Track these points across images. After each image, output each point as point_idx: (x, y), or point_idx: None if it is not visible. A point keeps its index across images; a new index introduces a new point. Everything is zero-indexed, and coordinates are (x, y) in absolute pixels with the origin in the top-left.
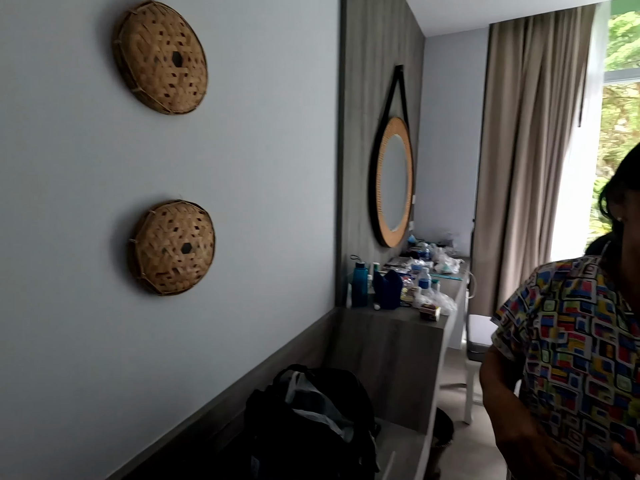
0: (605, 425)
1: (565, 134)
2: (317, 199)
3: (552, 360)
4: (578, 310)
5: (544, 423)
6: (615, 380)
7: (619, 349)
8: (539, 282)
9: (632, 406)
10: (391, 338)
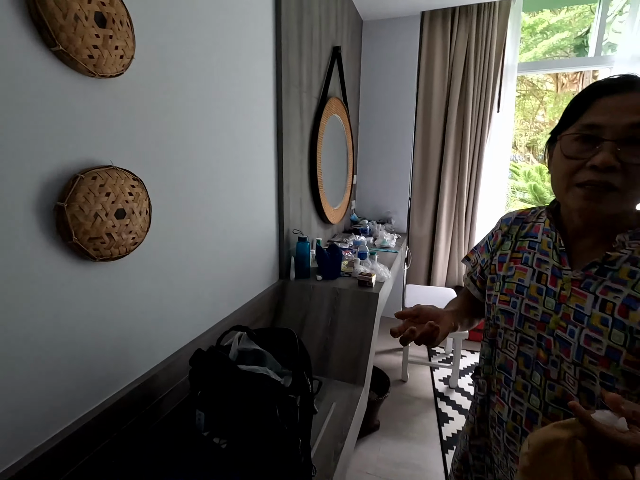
0: (533, 337)
1: (486, 119)
2: (258, 172)
3: (500, 289)
4: (526, 248)
5: (492, 339)
6: (544, 301)
7: (550, 277)
8: (502, 227)
9: (552, 321)
10: (332, 305)
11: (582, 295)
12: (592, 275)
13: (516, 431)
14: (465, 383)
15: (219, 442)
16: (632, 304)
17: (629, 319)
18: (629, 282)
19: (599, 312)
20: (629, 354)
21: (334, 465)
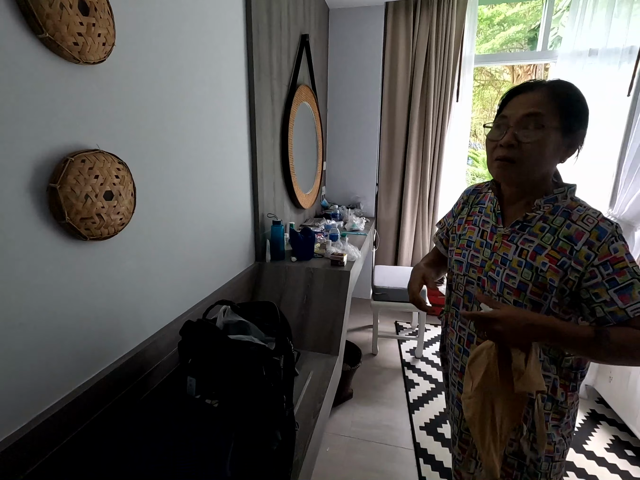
0: (474, 278)
1: (447, 108)
2: (233, 157)
3: (456, 245)
4: (477, 212)
5: (450, 284)
6: (483, 252)
7: (489, 233)
8: (464, 196)
9: (487, 265)
10: (307, 283)
11: (507, 246)
12: (515, 231)
13: (460, 351)
14: (429, 353)
15: (211, 403)
16: (539, 250)
17: (535, 262)
18: (539, 235)
19: (517, 257)
20: (534, 287)
21: (313, 422)
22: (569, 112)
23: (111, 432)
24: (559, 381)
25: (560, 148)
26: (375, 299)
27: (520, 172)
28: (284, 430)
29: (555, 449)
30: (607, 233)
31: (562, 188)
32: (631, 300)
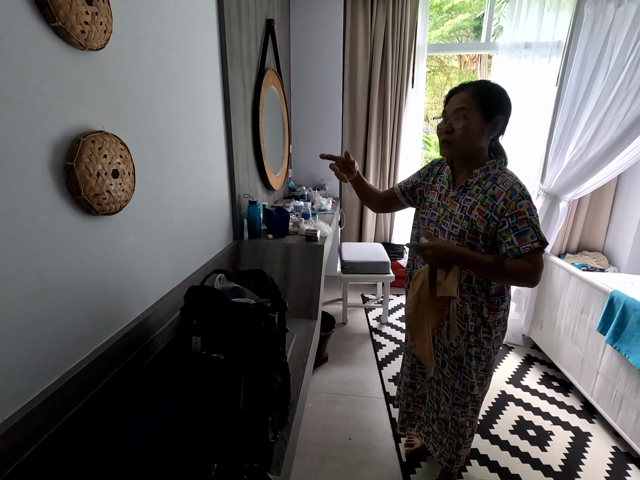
0: (432, 230)
1: (403, 94)
2: (211, 140)
3: (422, 206)
4: (437, 181)
5: (417, 236)
6: (439, 210)
7: (444, 196)
8: (429, 166)
9: (440, 220)
10: (284, 258)
11: (454, 205)
12: (460, 193)
13: None
14: (393, 319)
15: (217, 356)
16: (474, 207)
17: (471, 215)
18: (475, 195)
19: (459, 212)
20: (470, 233)
21: (302, 373)
22: (486, 104)
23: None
24: (485, 303)
25: (483, 130)
26: (344, 272)
27: (455, 150)
28: (282, 374)
29: (482, 351)
30: (516, 193)
31: (493, 160)
32: (524, 241)
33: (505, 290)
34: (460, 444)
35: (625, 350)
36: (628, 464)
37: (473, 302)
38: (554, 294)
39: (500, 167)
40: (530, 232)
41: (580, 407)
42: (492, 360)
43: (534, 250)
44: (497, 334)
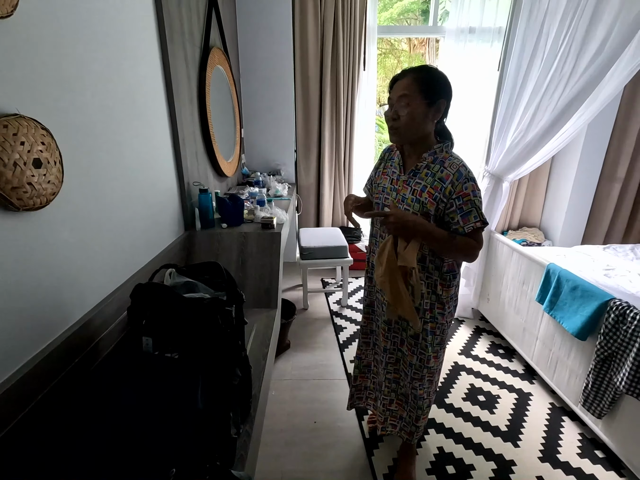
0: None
1: (355, 76)
2: (153, 126)
3: (375, 191)
4: (389, 166)
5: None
6: (391, 194)
7: (395, 180)
8: (382, 154)
9: (393, 203)
10: (240, 247)
11: (405, 188)
12: (410, 177)
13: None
14: (353, 301)
15: (172, 356)
16: (424, 190)
17: (422, 197)
18: (425, 179)
19: (411, 195)
20: (421, 215)
21: (263, 364)
22: (428, 90)
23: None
24: (439, 281)
25: (427, 115)
26: (303, 259)
27: (403, 136)
28: (242, 368)
29: (437, 326)
30: (462, 175)
31: (440, 144)
32: (468, 221)
33: (455, 267)
34: (419, 415)
35: (559, 317)
36: (562, 417)
37: (428, 280)
38: (498, 269)
39: (447, 151)
40: (474, 212)
41: (522, 371)
42: (445, 333)
43: (476, 230)
44: (450, 309)
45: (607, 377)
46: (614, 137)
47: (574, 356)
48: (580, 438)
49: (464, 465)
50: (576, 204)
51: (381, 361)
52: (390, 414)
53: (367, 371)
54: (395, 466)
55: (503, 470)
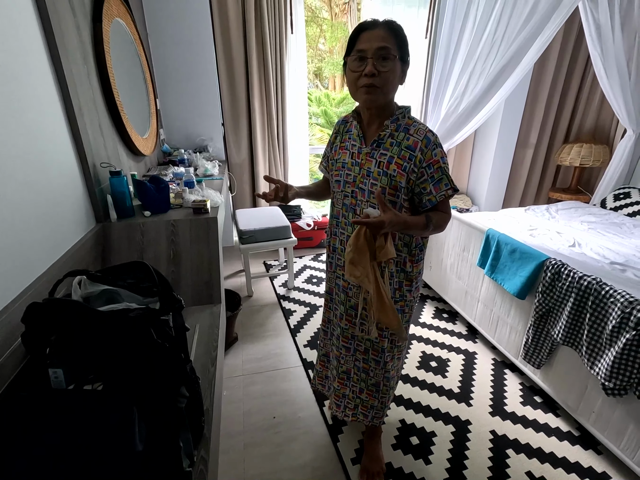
0: (349, 192)
1: (283, 40)
2: (32, 88)
3: (334, 168)
4: (347, 139)
5: (332, 201)
6: (354, 169)
7: (356, 154)
8: (335, 127)
9: (357, 179)
10: (170, 237)
11: (370, 161)
12: (374, 148)
13: (342, 251)
14: (300, 282)
15: (93, 387)
16: (391, 161)
17: (389, 170)
18: (390, 149)
19: (377, 168)
20: (390, 189)
21: (213, 371)
22: (403, 45)
23: None
24: (408, 257)
25: (400, 75)
26: (243, 243)
27: (381, 95)
28: (188, 384)
29: (406, 304)
30: (430, 141)
31: (401, 109)
32: (440, 190)
33: (421, 239)
34: (390, 396)
35: (500, 279)
36: (504, 370)
37: (397, 259)
38: (439, 237)
39: (409, 117)
40: (444, 180)
41: (466, 332)
42: (413, 309)
43: (446, 198)
44: (417, 284)
45: (544, 331)
46: (527, 105)
47: (514, 314)
48: (521, 387)
49: (426, 434)
50: (498, 170)
51: (348, 348)
52: (361, 403)
53: (327, 360)
54: (362, 449)
55: (461, 431)
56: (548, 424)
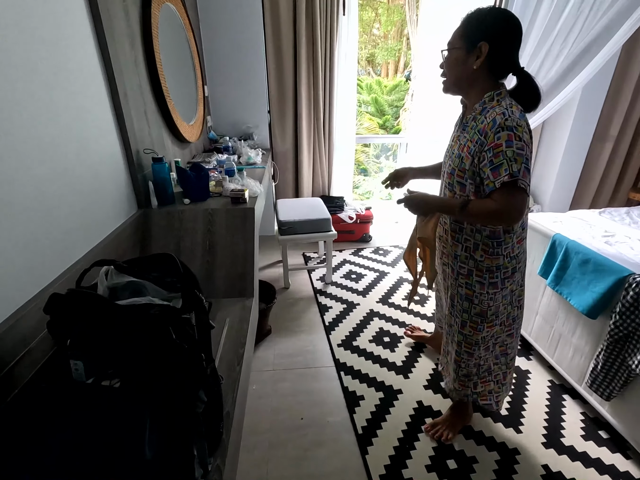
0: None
1: (334, 22)
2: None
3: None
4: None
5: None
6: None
7: (455, 137)
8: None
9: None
10: (207, 226)
11: (456, 143)
12: (461, 132)
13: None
14: (337, 277)
15: (110, 384)
16: (465, 144)
17: (462, 152)
18: (470, 132)
19: (457, 150)
20: (458, 171)
21: (238, 370)
22: (467, 33)
23: None
24: (480, 246)
25: (466, 61)
26: (282, 234)
27: (445, 88)
28: (208, 389)
29: (474, 295)
30: (496, 124)
31: (490, 93)
32: (499, 175)
33: (501, 234)
34: (455, 378)
35: (566, 293)
36: (563, 395)
37: (466, 243)
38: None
39: (498, 99)
40: (504, 165)
41: (519, 346)
42: (486, 305)
43: (504, 185)
44: (495, 280)
45: (619, 358)
46: (610, 91)
47: (580, 334)
48: (582, 418)
49: (466, 458)
50: (568, 166)
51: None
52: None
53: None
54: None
55: (507, 461)
56: (615, 467)
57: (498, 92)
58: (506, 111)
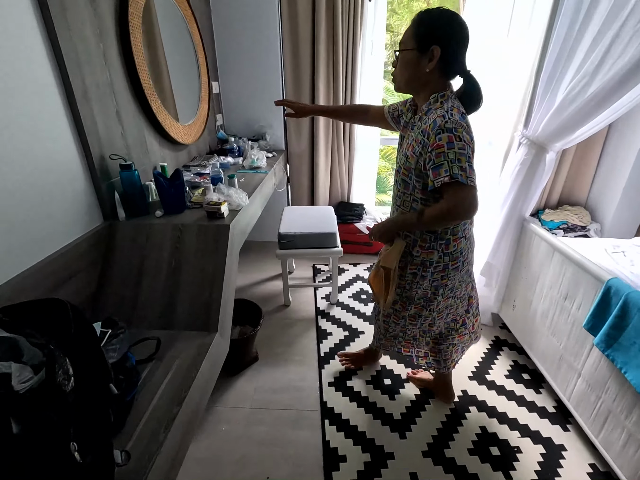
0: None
1: (358, 8)
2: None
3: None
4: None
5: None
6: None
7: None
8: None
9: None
10: (175, 244)
11: (405, 143)
12: (409, 131)
13: None
14: (345, 296)
15: None
16: (411, 142)
17: (408, 152)
18: (415, 132)
19: (404, 149)
20: (404, 169)
21: (163, 437)
22: (420, 35)
23: None
24: (419, 243)
25: (419, 63)
26: (281, 248)
27: (396, 85)
28: None
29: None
30: (437, 125)
31: (435, 94)
32: (439, 175)
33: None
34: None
35: (621, 362)
36: None
37: (406, 239)
38: (531, 270)
39: (442, 101)
40: (445, 166)
41: (553, 409)
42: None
43: (450, 185)
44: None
45: None
46: None
47: (637, 420)
48: None
49: None
50: (637, 179)
51: None
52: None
53: None
54: None
55: None
56: None
57: (442, 94)
58: (446, 114)
